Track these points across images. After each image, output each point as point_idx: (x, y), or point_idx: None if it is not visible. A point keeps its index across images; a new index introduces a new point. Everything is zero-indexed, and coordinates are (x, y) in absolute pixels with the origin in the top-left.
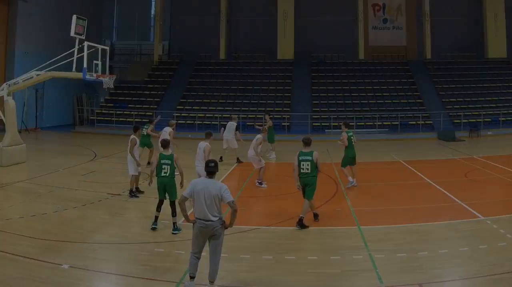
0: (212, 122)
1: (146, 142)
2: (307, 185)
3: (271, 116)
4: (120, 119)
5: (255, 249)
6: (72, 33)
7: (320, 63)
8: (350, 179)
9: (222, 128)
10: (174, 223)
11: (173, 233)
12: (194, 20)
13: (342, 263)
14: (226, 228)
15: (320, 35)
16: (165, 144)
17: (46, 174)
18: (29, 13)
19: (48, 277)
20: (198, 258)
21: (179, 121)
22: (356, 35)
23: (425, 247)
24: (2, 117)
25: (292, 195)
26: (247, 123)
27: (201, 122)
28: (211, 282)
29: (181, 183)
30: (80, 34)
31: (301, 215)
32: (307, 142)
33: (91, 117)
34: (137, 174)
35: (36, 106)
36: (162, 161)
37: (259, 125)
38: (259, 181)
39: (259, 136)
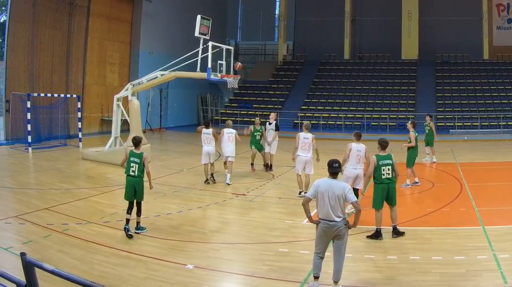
0: (337, 122)
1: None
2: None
3: (430, 115)
4: (245, 119)
5: (379, 249)
6: (196, 33)
7: (444, 63)
8: (416, 179)
9: None
10: (138, 223)
11: (136, 232)
12: (318, 20)
13: (466, 263)
14: (350, 228)
15: (444, 35)
16: (136, 142)
17: (170, 174)
18: (153, 12)
19: (172, 277)
20: (322, 258)
21: (303, 121)
22: (480, 35)
23: None
24: (127, 117)
25: (412, 195)
26: (371, 123)
27: (325, 122)
28: (335, 282)
29: (150, 185)
30: (205, 34)
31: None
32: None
33: (215, 117)
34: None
35: (161, 106)
36: (131, 159)
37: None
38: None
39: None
